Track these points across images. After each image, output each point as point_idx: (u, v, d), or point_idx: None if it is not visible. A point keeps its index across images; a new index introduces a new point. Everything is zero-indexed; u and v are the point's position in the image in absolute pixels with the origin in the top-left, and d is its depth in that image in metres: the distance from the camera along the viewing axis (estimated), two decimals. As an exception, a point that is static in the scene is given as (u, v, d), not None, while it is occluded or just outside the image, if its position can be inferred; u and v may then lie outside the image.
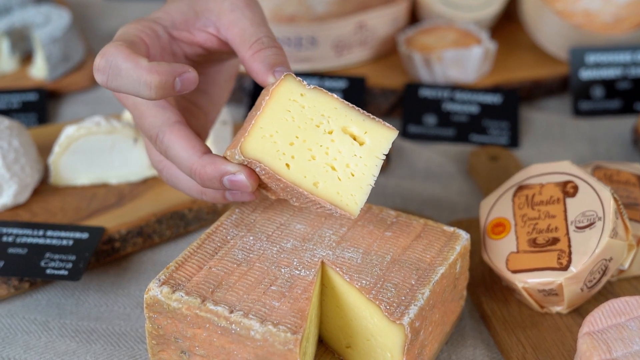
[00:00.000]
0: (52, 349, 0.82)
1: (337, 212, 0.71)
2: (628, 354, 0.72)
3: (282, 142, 0.70)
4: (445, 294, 0.77)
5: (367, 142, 0.72)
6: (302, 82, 0.72)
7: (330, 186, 0.70)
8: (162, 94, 0.70)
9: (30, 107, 1.21)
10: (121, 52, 0.70)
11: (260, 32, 0.76)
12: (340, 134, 0.72)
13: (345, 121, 0.72)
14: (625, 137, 1.18)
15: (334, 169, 0.71)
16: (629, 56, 1.22)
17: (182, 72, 0.70)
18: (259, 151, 0.70)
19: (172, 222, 0.96)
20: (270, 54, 0.75)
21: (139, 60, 0.70)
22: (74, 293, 0.90)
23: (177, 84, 0.70)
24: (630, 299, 0.76)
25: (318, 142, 0.71)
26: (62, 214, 0.96)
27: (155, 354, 0.75)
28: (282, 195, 0.74)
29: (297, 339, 0.67)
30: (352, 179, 0.71)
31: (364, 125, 0.72)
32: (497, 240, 0.84)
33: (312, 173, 0.70)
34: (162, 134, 0.75)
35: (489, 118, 1.18)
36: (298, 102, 0.71)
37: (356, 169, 0.71)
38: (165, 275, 0.73)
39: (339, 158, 0.71)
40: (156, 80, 0.69)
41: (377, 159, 0.72)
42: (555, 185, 0.84)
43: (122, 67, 0.70)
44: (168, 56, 0.78)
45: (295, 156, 0.70)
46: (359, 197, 0.71)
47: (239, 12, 0.77)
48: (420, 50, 1.22)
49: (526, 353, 0.79)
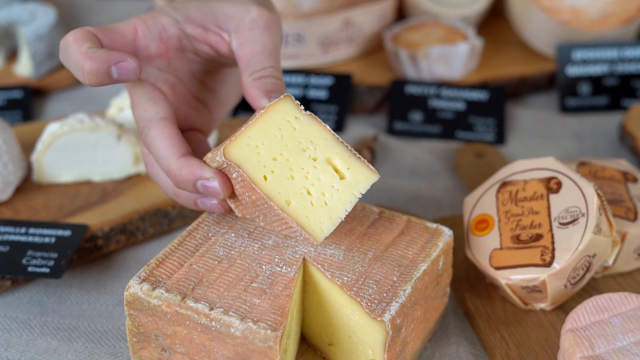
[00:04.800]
0: (33, 347, 0.82)
1: (301, 236, 0.71)
2: (611, 350, 0.71)
3: (265, 155, 0.71)
4: (428, 291, 0.76)
5: (347, 178, 0.72)
6: (299, 106, 0.73)
7: (301, 208, 0.70)
8: (96, 80, 0.70)
9: (15, 104, 1.20)
10: (75, 35, 0.72)
11: (267, 61, 0.76)
12: (324, 163, 0.72)
13: (332, 153, 0.72)
14: (612, 133, 1.17)
15: (309, 193, 0.71)
16: (616, 53, 1.22)
17: (118, 60, 0.70)
18: (241, 156, 0.70)
19: (156, 220, 0.95)
20: (269, 82, 0.75)
21: (81, 44, 0.71)
22: (56, 291, 0.89)
23: (113, 72, 0.70)
24: (614, 295, 0.76)
25: (300, 164, 0.71)
26: (45, 211, 0.95)
27: (136, 352, 0.74)
28: (250, 210, 0.75)
29: (277, 336, 0.66)
30: (324, 208, 0.71)
31: (349, 161, 0.72)
32: (480, 236, 0.84)
33: (288, 191, 0.71)
34: (147, 129, 0.75)
35: (475, 115, 1.17)
36: (291, 123, 0.72)
37: (331, 199, 0.71)
38: (145, 273, 0.72)
39: (317, 184, 0.71)
40: (88, 66, 0.70)
41: (353, 196, 0.72)
42: (539, 182, 0.84)
43: (69, 49, 0.71)
44: (170, 49, 0.78)
45: (276, 171, 0.71)
46: (327, 226, 0.71)
47: (256, 33, 0.77)
48: (407, 47, 1.22)
49: (509, 350, 0.79)
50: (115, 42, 0.75)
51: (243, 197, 0.73)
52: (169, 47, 0.78)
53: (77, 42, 0.71)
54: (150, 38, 0.77)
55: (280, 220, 0.72)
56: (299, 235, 0.71)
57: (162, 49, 0.78)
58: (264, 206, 0.71)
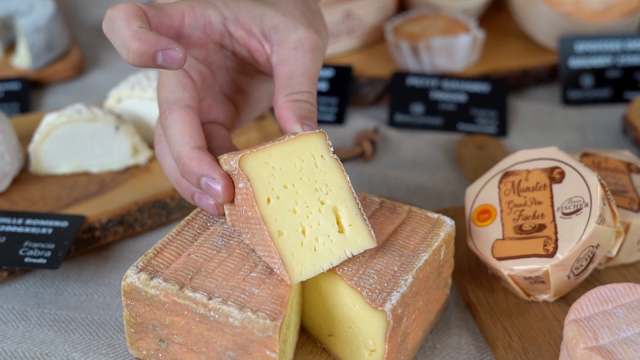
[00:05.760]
0: (29, 338, 0.81)
1: (279, 269, 0.69)
2: (615, 341, 0.70)
3: (278, 179, 0.70)
4: (429, 281, 0.75)
5: (345, 233, 0.71)
6: (330, 146, 0.72)
7: (290, 243, 0.69)
8: (139, 62, 0.69)
9: (13, 96, 1.19)
10: (126, 9, 0.70)
11: (306, 85, 0.76)
12: (329, 210, 0.71)
13: (341, 204, 0.71)
14: (615, 126, 1.16)
15: (304, 232, 0.70)
16: (619, 44, 1.21)
17: (167, 47, 0.69)
18: (254, 170, 0.69)
19: (154, 211, 0.94)
20: (304, 108, 0.74)
21: (132, 22, 0.69)
22: (53, 282, 0.88)
23: (158, 58, 0.69)
24: (618, 286, 0.75)
25: (307, 202, 0.70)
26: (42, 202, 0.94)
27: (134, 343, 0.73)
28: (241, 224, 0.73)
29: (277, 326, 0.65)
30: (312, 253, 0.69)
31: (354, 218, 0.71)
32: (482, 227, 0.83)
33: (284, 222, 0.69)
34: (169, 111, 0.74)
35: (477, 107, 1.16)
36: (315, 159, 0.71)
37: (322, 247, 0.70)
38: (143, 262, 0.71)
39: (314, 228, 0.70)
40: (135, 46, 0.68)
41: (344, 254, 0.70)
42: (541, 172, 0.83)
43: (117, 23, 0.69)
44: (211, 42, 0.78)
45: (281, 198, 0.69)
46: (307, 271, 0.69)
47: (300, 54, 0.76)
48: (408, 39, 1.21)
49: (512, 341, 0.78)
50: (162, 23, 0.74)
51: (240, 209, 0.72)
52: (210, 40, 0.78)
53: (127, 17, 0.69)
54: (194, 27, 0.76)
55: (265, 246, 0.70)
56: (276, 268, 0.69)
57: (203, 40, 0.77)
58: (256, 227, 0.70)
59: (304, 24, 0.78)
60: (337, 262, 0.70)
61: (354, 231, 0.71)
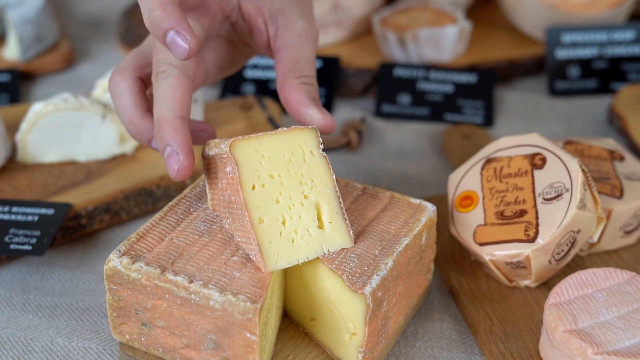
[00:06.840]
0: (14, 324, 0.81)
1: (255, 257, 0.70)
2: (594, 324, 0.71)
3: (266, 167, 0.70)
4: (411, 266, 0.76)
5: (325, 230, 0.72)
6: (320, 144, 0.73)
7: (269, 232, 0.70)
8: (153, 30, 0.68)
9: (2, 88, 1.20)
10: None
11: (311, 70, 0.78)
12: (311, 205, 0.72)
13: (324, 200, 0.72)
14: (601, 116, 1.17)
15: (284, 223, 0.70)
16: (605, 35, 1.21)
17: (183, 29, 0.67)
18: (243, 156, 0.70)
19: (140, 199, 0.95)
20: (313, 91, 0.77)
21: None
22: (39, 269, 0.88)
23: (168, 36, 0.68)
24: (598, 270, 0.76)
25: (291, 194, 0.71)
26: (29, 190, 0.95)
27: (117, 327, 0.74)
28: (223, 209, 0.74)
29: (257, 308, 0.66)
30: (289, 244, 0.70)
31: (334, 217, 0.72)
32: (464, 213, 0.83)
33: (266, 210, 0.70)
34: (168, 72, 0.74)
35: (464, 97, 1.17)
36: (304, 154, 0.72)
37: (300, 240, 0.71)
38: (125, 247, 0.72)
39: (295, 220, 0.71)
40: (156, 13, 0.68)
41: (320, 249, 0.71)
42: (523, 158, 0.84)
43: None
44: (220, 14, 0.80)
45: (266, 186, 0.70)
46: (282, 261, 0.70)
47: (304, 41, 0.79)
48: (395, 30, 1.21)
49: (493, 326, 0.79)
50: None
51: (224, 193, 0.73)
52: (221, 12, 0.79)
53: None
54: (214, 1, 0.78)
55: (244, 232, 0.70)
56: (252, 255, 0.70)
57: (217, 12, 0.79)
58: (238, 212, 0.71)
59: (304, 17, 0.80)
60: (312, 257, 0.71)
61: (333, 229, 0.72)
